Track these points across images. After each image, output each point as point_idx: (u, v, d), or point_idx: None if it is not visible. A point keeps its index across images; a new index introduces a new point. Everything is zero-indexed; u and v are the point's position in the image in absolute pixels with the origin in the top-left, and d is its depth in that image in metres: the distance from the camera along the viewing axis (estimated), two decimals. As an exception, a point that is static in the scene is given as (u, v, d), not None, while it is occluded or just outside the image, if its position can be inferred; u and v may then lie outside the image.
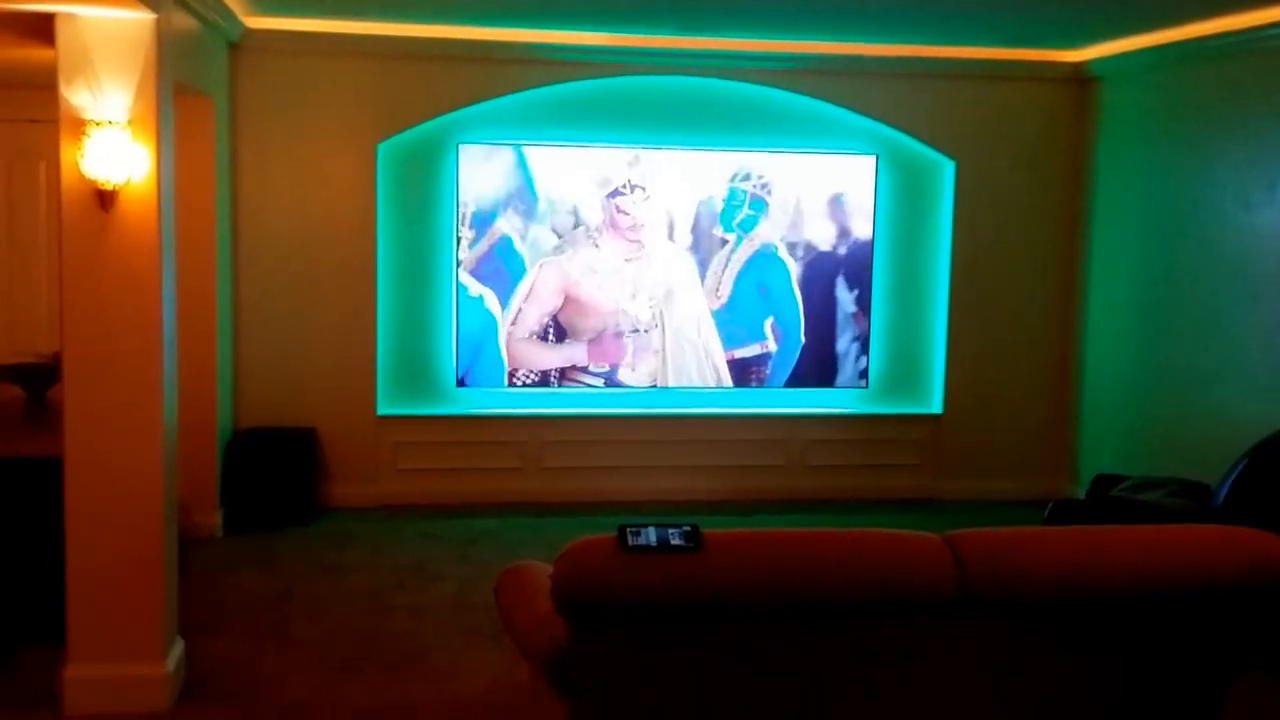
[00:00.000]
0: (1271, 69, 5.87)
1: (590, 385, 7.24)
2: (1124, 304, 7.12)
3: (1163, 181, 6.74)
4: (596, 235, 7.12)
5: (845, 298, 7.44)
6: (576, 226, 7.10)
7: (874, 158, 7.38)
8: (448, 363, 7.21)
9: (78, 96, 3.92)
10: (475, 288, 7.07)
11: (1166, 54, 6.59)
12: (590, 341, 7.21)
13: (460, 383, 7.15)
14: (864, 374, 7.52)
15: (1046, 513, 5.22)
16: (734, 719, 2.93)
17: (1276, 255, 5.81)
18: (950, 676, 2.99)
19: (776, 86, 7.20)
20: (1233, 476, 4.83)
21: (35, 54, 4.48)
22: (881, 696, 2.98)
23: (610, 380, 7.24)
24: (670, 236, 7.20)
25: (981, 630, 2.95)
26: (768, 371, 7.41)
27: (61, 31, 3.89)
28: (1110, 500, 5.20)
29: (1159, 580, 2.95)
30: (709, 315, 7.31)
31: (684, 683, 2.89)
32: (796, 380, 7.44)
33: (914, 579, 2.84)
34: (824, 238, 7.36)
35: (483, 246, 7.04)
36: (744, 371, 7.40)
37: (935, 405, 7.69)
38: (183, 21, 5.21)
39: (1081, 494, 6.54)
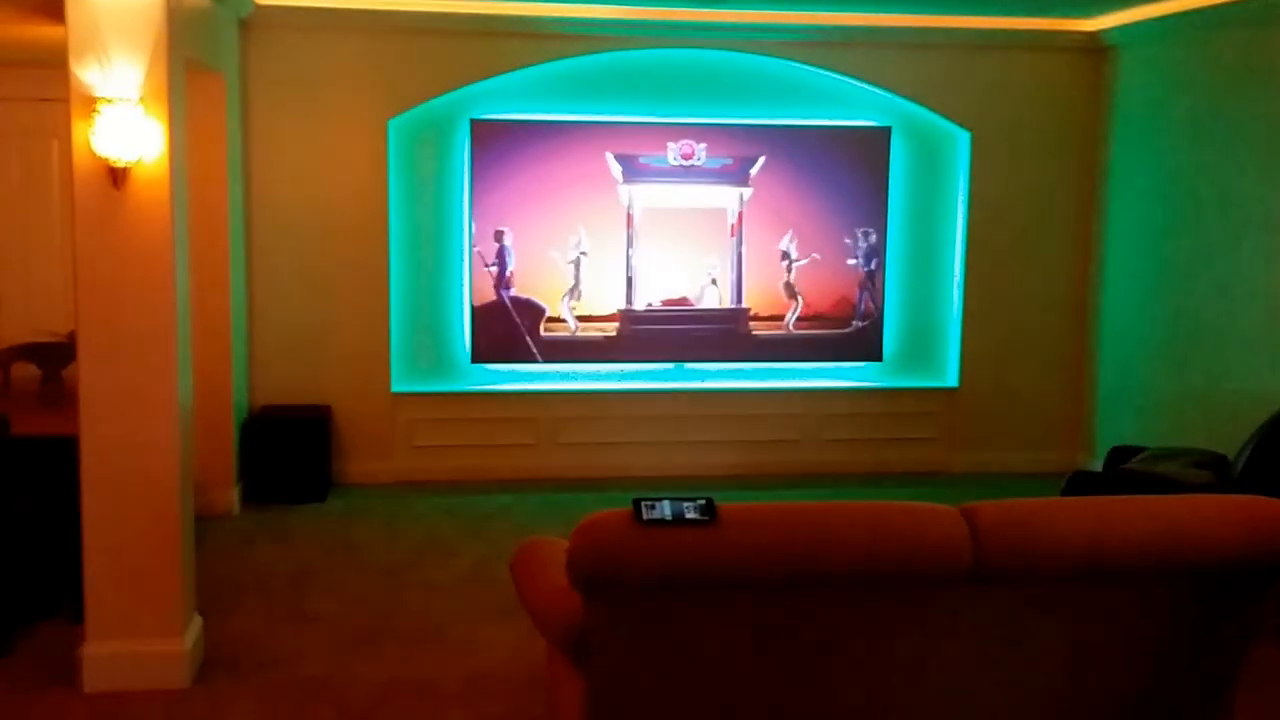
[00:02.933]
0: (1290, 35, 5.81)
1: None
2: (1140, 275, 7.07)
3: (1179, 150, 6.68)
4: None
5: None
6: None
7: (888, 129, 7.33)
8: (461, 339, 7.21)
9: (88, 74, 3.91)
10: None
11: (1181, 22, 6.52)
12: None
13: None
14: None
15: (1063, 485, 5.21)
16: (749, 689, 2.93)
17: (1295, 224, 5.77)
18: (966, 648, 2.99)
19: (790, 59, 7.15)
20: (1251, 447, 4.81)
21: (46, 32, 4.48)
22: (897, 667, 2.98)
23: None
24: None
25: (997, 601, 2.94)
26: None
27: (71, 8, 3.87)
28: (1127, 472, 5.19)
29: (1176, 551, 2.93)
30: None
31: (700, 654, 2.89)
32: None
33: (930, 551, 2.83)
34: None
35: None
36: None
37: (951, 379, 7.66)
38: (193, -2, 5.19)
39: (1098, 466, 6.52)
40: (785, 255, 7.33)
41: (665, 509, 2.76)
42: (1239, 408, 5.78)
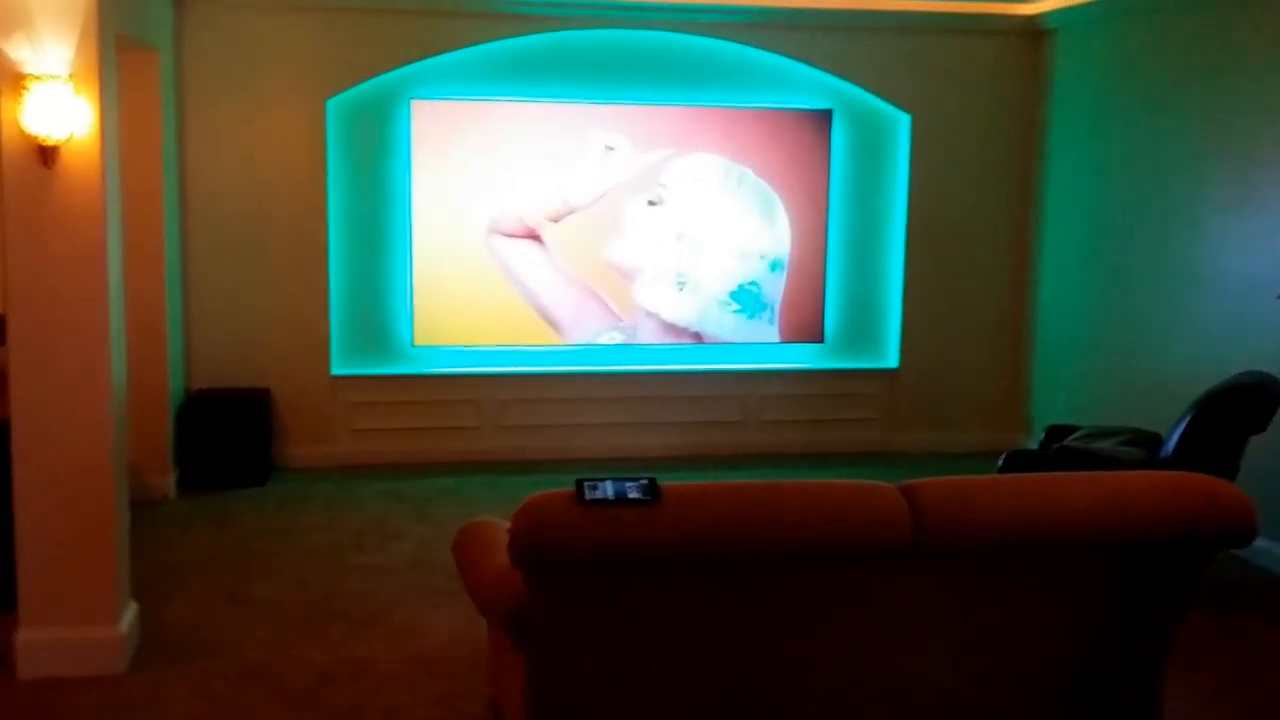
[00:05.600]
0: (1223, 21, 5.90)
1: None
2: (1077, 256, 7.17)
3: (1116, 133, 6.77)
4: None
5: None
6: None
7: (829, 112, 7.36)
8: (403, 322, 7.15)
9: (17, 50, 3.82)
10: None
11: (1119, 5, 6.61)
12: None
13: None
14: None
15: (1000, 463, 5.27)
16: (691, 667, 2.94)
17: (1228, 206, 5.87)
18: (907, 623, 3.02)
19: (732, 40, 7.15)
20: (1183, 424, 4.90)
21: (-28, 7, 4.36)
22: (839, 643, 3.01)
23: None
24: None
25: (937, 577, 2.98)
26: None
27: (-2, -18, 3.78)
28: (1063, 450, 5.26)
29: (1111, 526, 2.98)
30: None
31: (642, 633, 2.90)
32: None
33: (870, 528, 2.86)
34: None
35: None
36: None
37: (891, 360, 7.72)
38: (124, -27, 5.08)
39: (1035, 445, 6.61)
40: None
41: (608, 489, 2.76)
42: (1171, 387, 5.88)
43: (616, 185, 7.12)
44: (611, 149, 7.05)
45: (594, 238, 7.17)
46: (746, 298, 7.40)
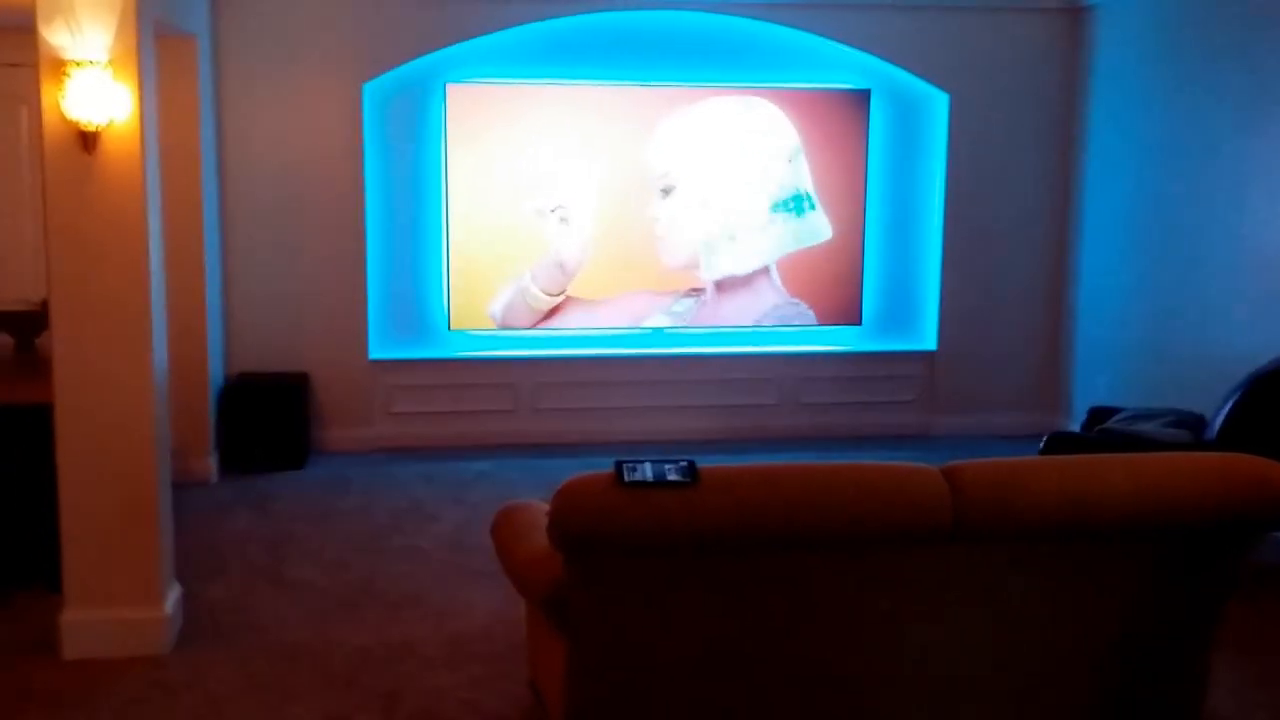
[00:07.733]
0: (1268, -5, 5.81)
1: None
2: (1119, 236, 7.08)
3: (1157, 111, 6.68)
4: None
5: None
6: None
7: (868, 92, 7.30)
8: (440, 306, 7.17)
9: (57, 36, 3.85)
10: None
11: (1161, -18, 6.52)
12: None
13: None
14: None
15: (1042, 445, 5.22)
16: (731, 650, 2.93)
17: (1273, 183, 5.77)
18: (947, 606, 3.00)
19: (768, 20, 7.10)
20: (1228, 407, 4.84)
21: (13, -6, 4.39)
22: (879, 626, 2.99)
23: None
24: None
25: (978, 559, 2.96)
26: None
27: (38, -31, 3.81)
28: (1105, 432, 5.21)
29: (1154, 509, 2.95)
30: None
31: (681, 615, 2.89)
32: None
33: (910, 510, 2.84)
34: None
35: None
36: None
37: (929, 342, 7.67)
38: (162, -41, 5.11)
39: (1076, 427, 6.54)
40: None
41: (647, 471, 2.75)
42: (1215, 368, 5.80)
43: (591, 231, 7.13)
44: (555, 209, 7.03)
45: (614, 262, 7.20)
46: (793, 201, 7.34)
